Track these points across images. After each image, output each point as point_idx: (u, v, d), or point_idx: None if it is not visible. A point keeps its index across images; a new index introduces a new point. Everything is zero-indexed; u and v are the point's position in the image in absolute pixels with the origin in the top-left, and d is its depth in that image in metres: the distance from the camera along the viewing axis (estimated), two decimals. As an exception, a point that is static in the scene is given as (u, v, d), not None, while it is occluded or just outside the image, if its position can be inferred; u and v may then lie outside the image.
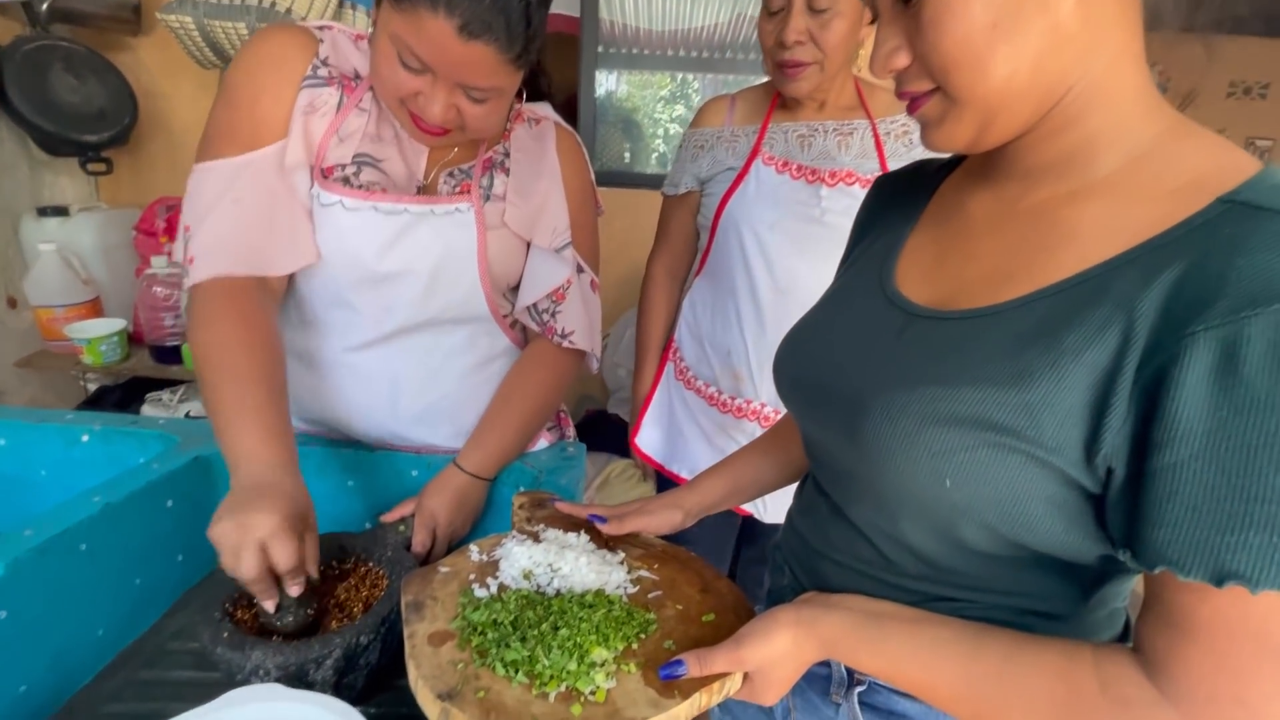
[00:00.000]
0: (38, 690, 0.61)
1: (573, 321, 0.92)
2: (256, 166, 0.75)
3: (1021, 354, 0.40)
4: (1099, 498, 0.39)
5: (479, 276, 0.84)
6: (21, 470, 0.86)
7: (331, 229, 0.78)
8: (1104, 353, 0.37)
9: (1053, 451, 0.39)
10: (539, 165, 0.89)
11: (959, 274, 0.48)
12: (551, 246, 0.89)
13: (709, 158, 1.18)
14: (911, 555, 0.49)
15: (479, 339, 0.92)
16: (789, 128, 1.12)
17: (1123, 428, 0.37)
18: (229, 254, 0.73)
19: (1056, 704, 0.40)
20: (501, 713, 0.45)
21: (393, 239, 0.79)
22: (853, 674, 0.55)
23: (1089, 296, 0.39)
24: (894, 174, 0.64)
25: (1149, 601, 0.39)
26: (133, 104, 1.92)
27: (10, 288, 1.84)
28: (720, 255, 1.17)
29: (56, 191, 1.96)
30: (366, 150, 0.79)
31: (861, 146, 1.09)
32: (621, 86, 2.62)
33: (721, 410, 1.21)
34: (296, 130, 0.75)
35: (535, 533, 0.67)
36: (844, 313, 0.56)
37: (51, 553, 0.63)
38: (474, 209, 0.82)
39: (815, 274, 1.08)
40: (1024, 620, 0.47)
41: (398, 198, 0.79)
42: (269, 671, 0.58)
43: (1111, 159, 0.43)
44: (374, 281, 0.81)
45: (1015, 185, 0.48)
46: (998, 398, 0.40)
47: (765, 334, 1.14)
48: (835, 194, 1.08)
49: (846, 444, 0.49)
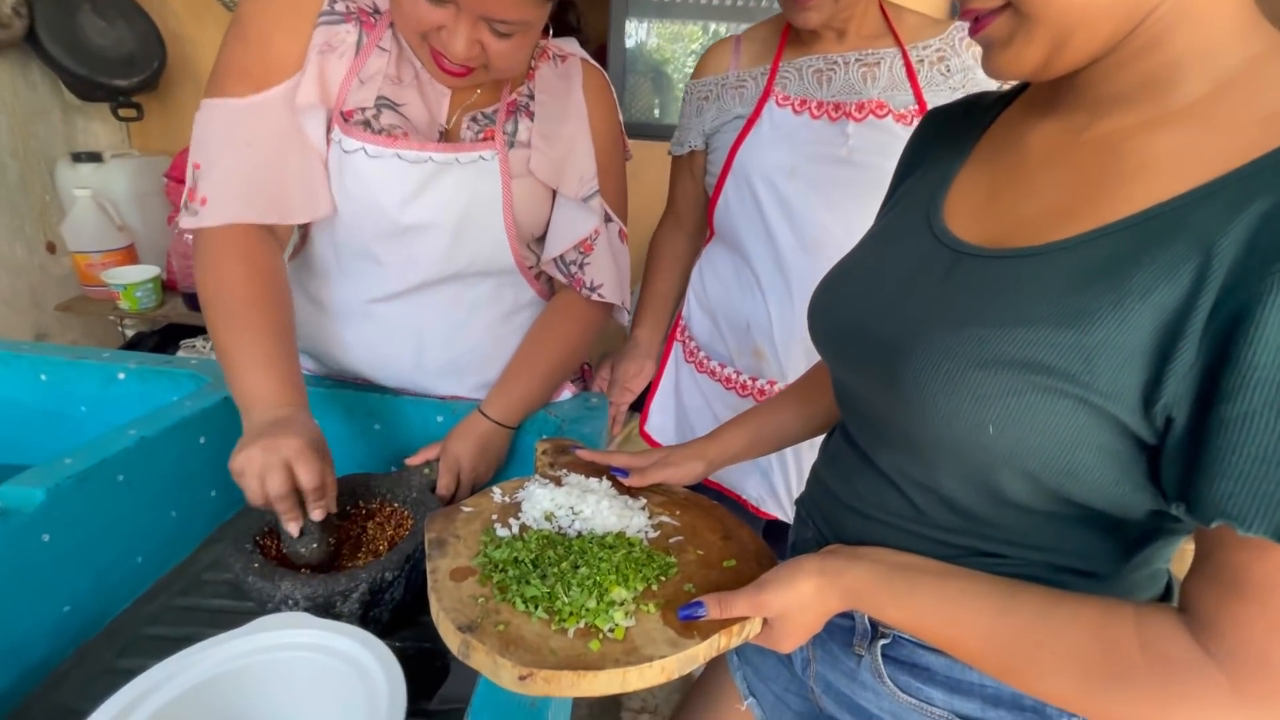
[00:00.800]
0: (81, 610, 0.64)
1: (601, 273, 0.90)
2: (268, 108, 0.72)
3: (1081, 293, 0.38)
4: (1153, 449, 0.37)
5: (505, 228, 0.82)
6: (62, 406, 0.89)
7: (354, 177, 0.76)
8: (1175, 292, 0.35)
9: (1108, 397, 0.36)
10: (565, 107, 0.85)
11: (1013, 210, 0.45)
12: (579, 195, 0.86)
13: (715, 108, 1.04)
14: (945, 506, 0.47)
15: (504, 291, 0.90)
16: (804, 63, 0.97)
17: (1188, 374, 0.34)
18: (242, 201, 0.72)
19: (1091, 661, 0.38)
20: (521, 646, 0.45)
21: (416, 189, 0.77)
22: (876, 627, 0.54)
23: (1162, 232, 0.36)
24: (945, 107, 0.60)
25: (1199, 559, 0.37)
26: (161, 48, 1.92)
27: (49, 233, 1.88)
28: (732, 213, 1.03)
29: (90, 137, 1.98)
30: (387, 94, 0.77)
31: (891, 77, 0.93)
32: (652, 38, 2.54)
33: (740, 394, 1.08)
34: (311, 70, 0.72)
35: (558, 477, 0.67)
36: (887, 253, 0.53)
37: (91, 481, 0.65)
38: (499, 156, 0.80)
39: (847, 226, 0.94)
40: (1060, 578, 0.45)
41: (421, 145, 0.76)
42: (297, 602, 0.59)
43: (1196, 85, 0.39)
44: (398, 233, 0.80)
45: (1082, 115, 0.44)
46: (1051, 339, 0.38)
47: (792, 301, 0.99)
48: (865, 129, 0.92)
49: (884, 390, 0.47)
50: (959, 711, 0.50)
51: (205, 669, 0.51)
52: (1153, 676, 0.36)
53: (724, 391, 1.10)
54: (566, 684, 0.43)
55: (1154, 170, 0.38)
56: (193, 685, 0.50)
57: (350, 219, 0.80)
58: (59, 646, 0.62)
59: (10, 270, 1.79)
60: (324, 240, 0.84)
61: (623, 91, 2.36)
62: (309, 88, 0.73)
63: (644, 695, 1.56)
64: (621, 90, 2.34)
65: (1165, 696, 0.36)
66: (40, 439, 0.88)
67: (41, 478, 0.61)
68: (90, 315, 1.93)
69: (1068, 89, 0.44)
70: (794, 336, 1.00)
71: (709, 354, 1.12)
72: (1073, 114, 0.45)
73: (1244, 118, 0.36)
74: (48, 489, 0.60)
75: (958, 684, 0.50)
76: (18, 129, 1.76)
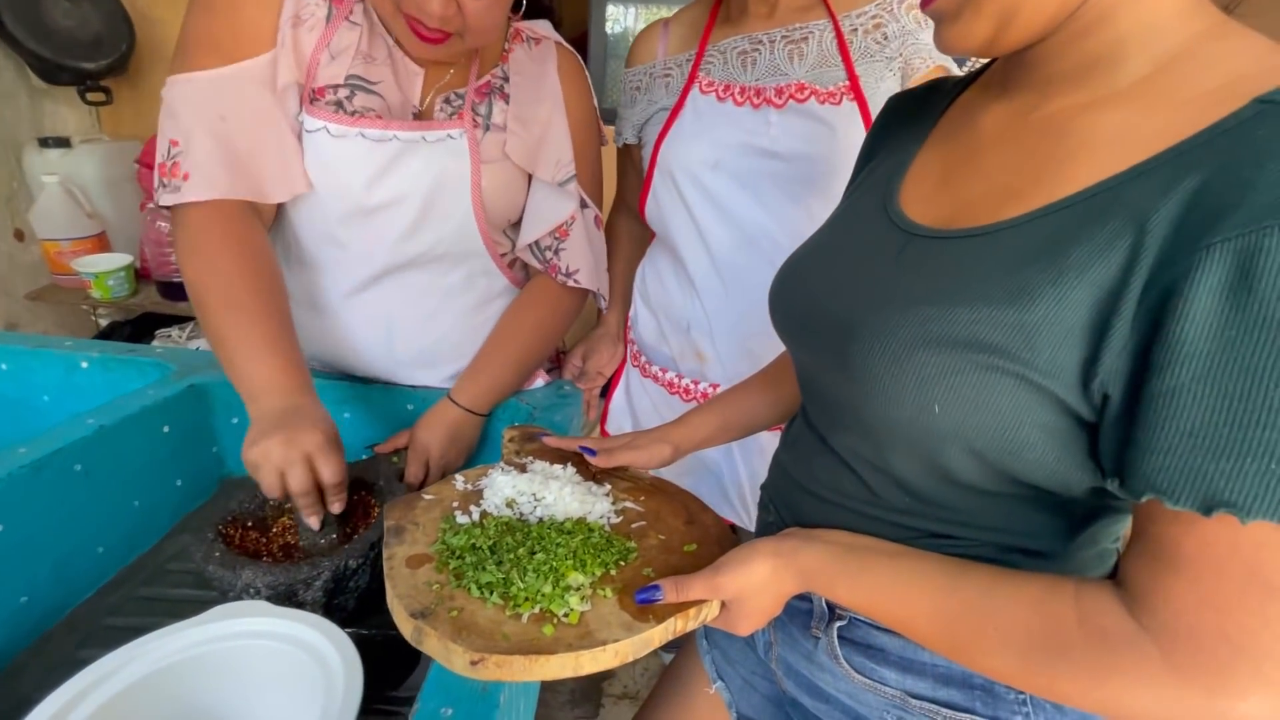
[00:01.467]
0: (39, 601, 0.63)
1: (577, 259, 0.89)
2: (243, 81, 0.69)
3: (1022, 271, 0.38)
4: (1092, 426, 0.38)
5: (472, 208, 0.81)
6: (24, 394, 0.87)
7: (316, 158, 0.75)
8: (1109, 270, 0.35)
9: (1047, 375, 0.37)
10: (539, 89, 0.84)
11: (964, 192, 0.45)
12: (555, 180, 0.84)
13: (644, 99, 0.99)
14: (897, 488, 0.48)
15: (476, 279, 0.89)
16: (729, 45, 0.91)
17: (1123, 350, 0.34)
18: (222, 176, 0.69)
19: (1032, 635, 0.39)
20: (474, 631, 0.45)
21: (382, 169, 0.76)
22: (833, 609, 0.54)
23: (1099, 211, 0.36)
24: (907, 93, 0.60)
25: (1135, 534, 0.38)
26: (129, 29, 1.87)
27: (16, 220, 1.84)
28: (662, 210, 0.98)
29: (58, 122, 1.93)
30: (359, 72, 0.75)
31: (820, 53, 0.86)
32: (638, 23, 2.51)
33: (684, 398, 1.03)
34: (286, 44, 0.70)
35: (523, 464, 0.67)
36: (843, 237, 0.53)
37: (46, 471, 0.64)
38: (467, 136, 0.78)
39: (780, 218, 0.90)
40: (1010, 558, 0.46)
41: (386, 124, 0.75)
42: (259, 590, 0.59)
43: (1139, 64, 0.39)
44: (363, 215, 0.78)
45: (1032, 96, 0.44)
46: (992, 317, 0.38)
47: (729, 299, 0.95)
48: (787, 117, 0.86)
49: (836, 372, 0.47)
50: (911, 691, 0.50)
51: (159, 657, 0.50)
52: (1089, 650, 0.37)
53: (668, 396, 1.06)
54: (519, 669, 0.43)
55: (1096, 149, 0.39)
56: (146, 674, 0.49)
57: (315, 202, 0.78)
58: (17, 637, 0.61)
59: (-23, 258, 1.75)
60: (293, 226, 0.83)
61: (604, 77, 2.33)
62: (286, 66, 0.70)
63: (624, 681, 1.58)
64: (602, 76, 2.31)
65: (1101, 669, 0.37)
66: (1, 429, 0.87)
67: (-7, 467, 0.60)
68: (62, 304, 1.89)
69: (1019, 69, 0.44)
70: (733, 338, 0.97)
71: (652, 358, 1.09)
72: (1023, 95, 0.45)
73: (1181, 96, 0.37)
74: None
75: (910, 664, 0.50)
76: (-19, 113, 1.72)
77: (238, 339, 0.65)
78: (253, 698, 0.53)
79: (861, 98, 0.85)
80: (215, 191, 0.69)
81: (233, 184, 0.70)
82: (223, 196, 0.69)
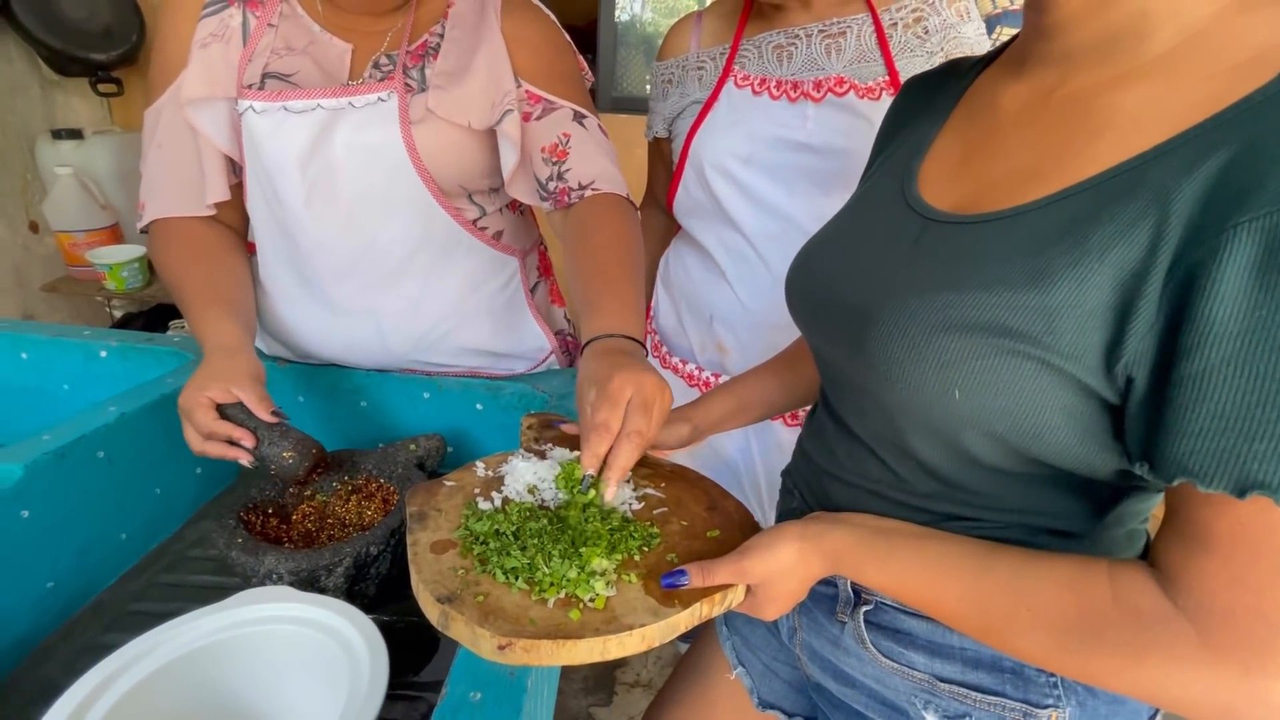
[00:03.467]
0: (65, 586, 0.64)
1: (590, 170, 0.78)
2: (165, 109, 0.77)
3: (1042, 254, 0.37)
4: (1116, 409, 0.37)
5: (415, 172, 0.75)
6: (45, 383, 0.88)
7: (250, 143, 0.75)
8: (1133, 251, 0.34)
9: (1069, 358, 0.36)
10: (476, 37, 0.77)
11: (984, 174, 0.45)
12: (491, 123, 0.76)
13: (676, 93, 0.98)
14: (921, 471, 0.47)
15: (453, 257, 0.83)
16: (764, 39, 0.90)
17: (1148, 333, 0.34)
18: (162, 198, 0.78)
19: (1066, 615, 0.39)
20: (500, 616, 0.45)
21: (311, 143, 0.73)
22: (859, 593, 0.54)
23: (1121, 190, 0.36)
24: (924, 75, 0.59)
25: (1168, 515, 0.38)
26: (139, 19, 1.87)
27: (31, 212, 1.85)
28: (693, 202, 0.97)
29: (70, 113, 1.94)
30: (274, 68, 0.75)
31: (859, 48, 0.85)
32: (645, 11, 2.49)
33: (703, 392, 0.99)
34: (194, 65, 0.74)
35: (542, 451, 0.67)
36: (860, 223, 0.52)
37: (70, 457, 0.64)
38: (397, 94, 0.73)
39: (813, 211, 0.89)
40: (1038, 539, 0.45)
41: (308, 93, 0.72)
42: (281, 576, 0.59)
43: (1164, 37, 0.38)
44: (305, 196, 0.76)
45: (1054, 73, 0.43)
46: (1012, 301, 0.37)
47: (757, 290, 0.94)
48: (824, 110, 0.85)
49: (854, 357, 0.46)
50: (940, 674, 0.50)
51: (186, 642, 0.51)
52: (1124, 629, 0.37)
53: (687, 389, 1.05)
54: (546, 653, 0.43)
55: (1119, 127, 0.38)
56: (173, 658, 0.50)
57: (263, 191, 0.78)
58: (44, 622, 0.62)
59: (-7, 250, 1.77)
60: (259, 228, 0.83)
61: (614, 65, 2.31)
62: (192, 84, 0.74)
63: (637, 669, 1.58)
64: (613, 63, 2.30)
65: (1136, 648, 0.36)
66: (23, 417, 0.88)
67: (18, 454, 0.61)
68: (77, 296, 1.91)
69: (1040, 41, 0.43)
70: (759, 329, 0.96)
71: (672, 349, 1.08)
72: (1044, 72, 0.44)
73: (1208, 70, 0.36)
74: (25, 465, 0.60)
75: (939, 648, 0.50)
76: (-5, 105, 1.72)
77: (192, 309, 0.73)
78: (279, 682, 0.53)
79: None
80: (158, 212, 0.79)
81: (170, 203, 0.79)
82: (169, 215, 0.79)
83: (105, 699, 0.46)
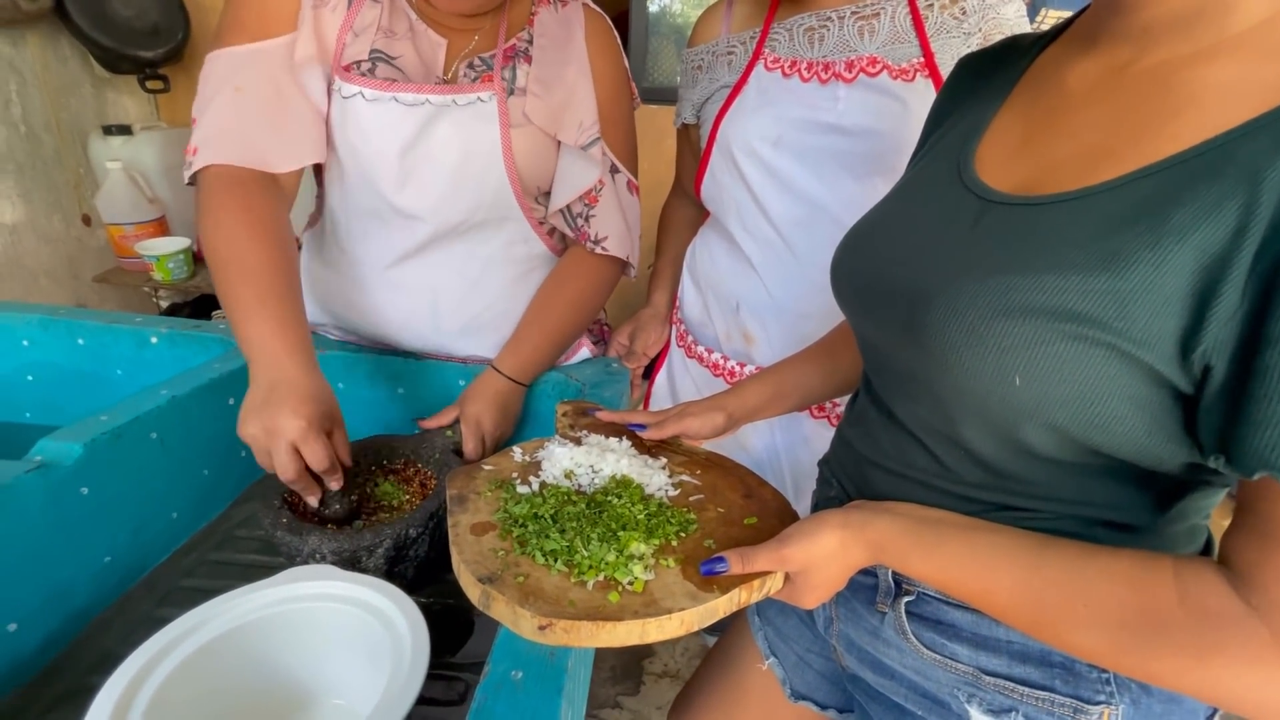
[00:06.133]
0: (120, 562, 0.67)
1: (607, 226, 0.88)
2: (263, 57, 0.72)
3: (1116, 235, 0.36)
4: (1189, 399, 0.35)
5: (505, 172, 0.80)
6: (99, 368, 0.91)
7: (354, 126, 0.76)
8: (1218, 233, 0.33)
9: (1141, 345, 0.35)
10: (565, 52, 0.83)
11: (1049, 155, 0.43)
12: (578, 143, 0.83)
13: (706, 78, 0.97)
14: (971, 461, 0.46)
15: (515, 247, 0.89)
16: (795, 22, 0.88)
17: (1231, 319, 0.32)
18: (230, 143, 0.70)
19: (1127, 612, 0.37)
20: (540, 597, 0.45)
21: (415, 134, 0.76)
22: (900, 583, 0.53)
23: (1207, 170, 0.34)
24: (979, 54, 0.57)
25: (1240, 511, 0.36)
26: (184, 18, 1.92)
27: (84, 205, 1.92)
28: (720, 187, 0.97)
29: (120, 110, 2.01)
30: (381, 47, 0.76)
31: (893, 29, 0.83)
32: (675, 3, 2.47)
33: (729, 382, 1.01)
34: (306, 25, 0.73)
35: (578, 437, 0.67)
36: (914, 204, 0.51)
37: (125, 438, 0.67)
38: (497, 98, 0.78)
39: (842, 196, 0.87)
40: (1093, 532, 0.43)
41: (419, 87, 0.75)
42: (324, 556, 0.61)
43: (1252, 10, 0.36)
44: (400, 182, 0.79)
45: (1128, 49, 0.41)
46: (1083, 285, 0.36)
47: (786, 278, 0.93)
48: (856, 91, 0.83)
49: (906, 341, 0.45)
50: (985, 668, 0.49)
51: (238, 615, 0.52)
52: (1191, 629, 0.35)
53: (712, 379, 1.04)
54: (585, 634, 0.43)
55: (1203, 104, 0.36)
56: (224, 631, 0.51)
57: (355, 172, 0.79)
58: (101, 595, 0.65)
59: (49, 242, 1.84)
60: (335, 202, 0.84)
61: (644, 55, 2.30)
62: (305, 43, 0.73)
63: (665, 659, 1.59)
64: (644, 53, 2.29)
65: (1203, 648, 0.35)
66: (79, 400, 0.91)
67: (79, 433, 0.63)
68: (126, 286, 1.98)
69: (1114, 18, 0.41)
70: (786, 317, 0.95)
71: (698, 337, 1.08)
72: (1118, 48, 0.42)
73: None
74: (85, 444, 0.62)
75: (984, 640, 0.49)
76: (50, 102, 1.79)
77: (240, 302, 0.65)
78: (325, 657, 0.54)
79: (937, 74, 0.81)
80: (216, 158, 0.70)
81: (235, 152, 0.71)
82: (228, 162, 0.70)
83: (161, 668, 0.48)
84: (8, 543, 0.56)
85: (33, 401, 0.93)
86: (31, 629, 0.58)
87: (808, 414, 0.99)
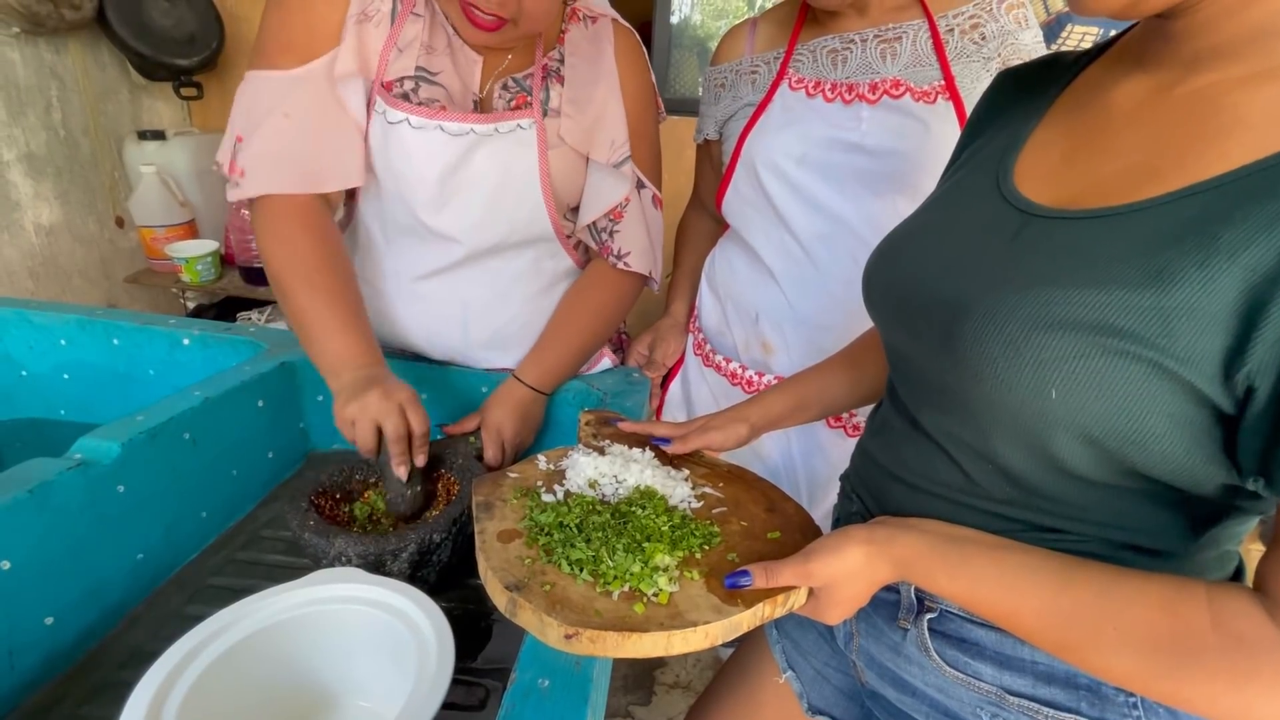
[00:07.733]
0: (152, 559, 0.68)
1: (630, 241, 0.89)
2: (311, 80, 0.73)
3: (1163, 253, 0.36)
4: (1229, 419, 0.35)
5: (543, 196, 0.82)
6: (132, 369, 0.94)
7: (398, 149, 0.77)
8: (1268, 253, 0.32)
9: (1184, 362, 0.35)
10: (595, 70, 0.84)
11: (1091, 171, 0.43)
12: (610, 161, 0.84)
13: (729, 96, 0.99)
14: (1001, 476, 0.46)
15: (543, 263, 0.91)
16: (819, 44, 0.91)
17: (1277, 342, 0.32)
18: (284, 172, 0.74)
19: (1158, 637, 0.37)
20: (567, 606, 0.46)
21: (457, 162, 0.78)
22: (923, 600, 0.53)
23: (1258, 190, 0.34)
24: (1019, 67, 0.57)
25: (1278, 536, 0.36)
26: (219, 28, 1.97)
27: (117, 207, 1.97)
28: (743, 202, 0.99)
29: (154, 116, 2.06)
30: (423, 64, 0.77)
31: (914, 52, 0.85)
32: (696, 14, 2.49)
33: (746, 390, 1.03)
34: (349, 40, 0.73)
35: (601, 447, 0.68)
36: (950, 216, 0.51)
37: (161, 437, 0.69)
38: (536, 125, 0.80)
39: (863, 212, 0.89)
40: (1123, 555, 0.43)
41: (463, 117, 0.77)
42: (350, 559, 0.62)
43: None
44: (439, 205, 0.80)
45: (1176, 70, 0.41)
46: (1126, 300, 0.36)
47: (806, 290, 0.95)
48: (879, 112, 0.86)
49: (940, 352, 0.45)
50: (1009, 688, 0.49)
51: (266, 616, 0.53)
52: (1225, 655, 0.35)
53: (730, 388, 1.05)
54: (611, 644, 0.44)
55: (1253, 126, 0.36)
56: (254, 631, 0.52)
57: (394, 191, 0.81)
58: (134, 592, 0.66)
59: (84, 243, 1.89)
60: (369, 216, 0.86)
61: (667, 67, 2.32)
62: (347, 58, 0.74)
63: (677, 670, 1.58)
64: (666, 65, 2.31)
65: (1237, 675, 0.35)
66: (112, 400, 0.93)
67: (117, 432, 0.65)
68: (155, 288, 2.02)
69: (1162, 42, 0.42)
70: (805, 328, 0.96)
71: (716, 346, 1.09)
72: (1165, 69, 0.42)
73: None
74: (122, 443, 0.64)
75: (1008, 660, 0.49)
76: (89, 107, 1.84)
77: (317, 317, 0.71)
78: (351, 659, 0.55)
79: (957, 97, 0.83)
80: (268, 187, 0.74)
81: (284, 179, 0.74)
82: (283, 191, 0.74)
83: (193, 667, 0.49)
84: (48, 537, 0.58)
85: (67, 399, 0.95)
86: (68, 622, 0.59)
87: (824, 422, 1.00)
